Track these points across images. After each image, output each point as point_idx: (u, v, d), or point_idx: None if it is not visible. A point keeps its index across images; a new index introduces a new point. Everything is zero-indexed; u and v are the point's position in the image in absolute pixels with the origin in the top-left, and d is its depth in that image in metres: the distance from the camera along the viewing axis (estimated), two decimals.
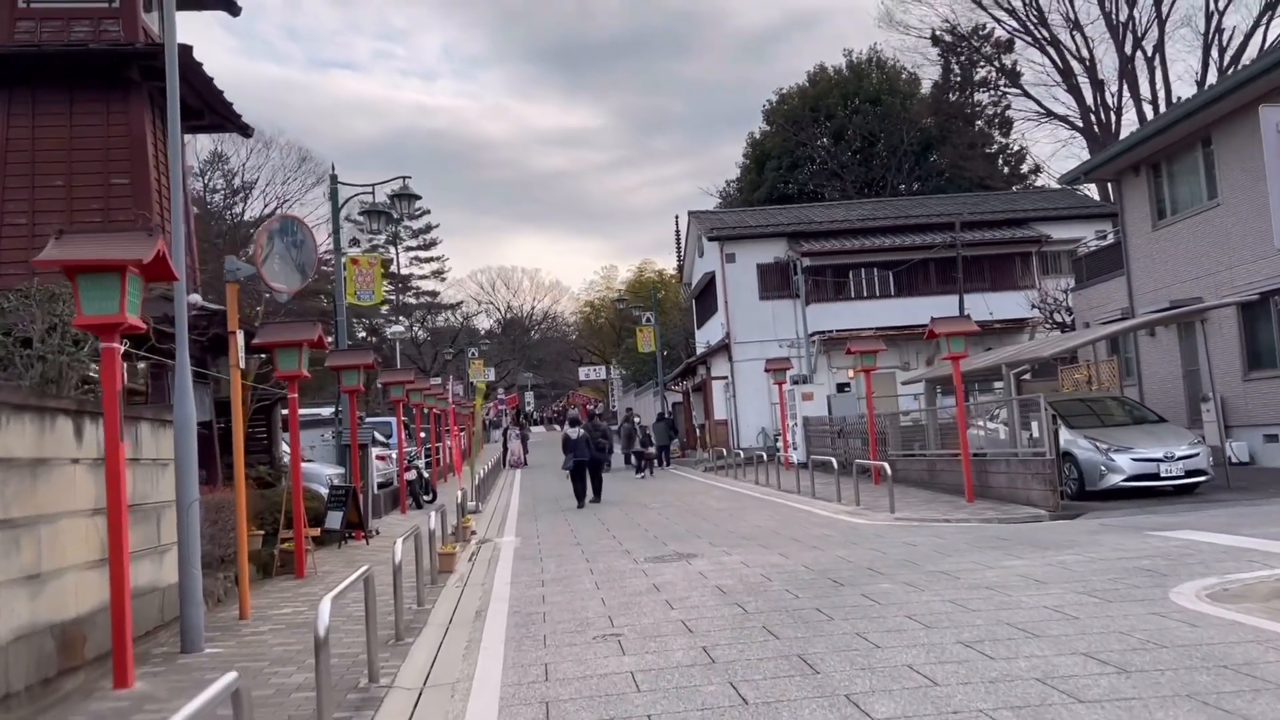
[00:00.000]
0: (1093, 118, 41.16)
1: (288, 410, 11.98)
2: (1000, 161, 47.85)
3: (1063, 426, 14.78)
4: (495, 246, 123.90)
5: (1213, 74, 36.87)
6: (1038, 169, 48.08)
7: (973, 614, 6.93)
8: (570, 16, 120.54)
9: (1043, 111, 43.92)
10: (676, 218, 57.01)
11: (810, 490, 17.56)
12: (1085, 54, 40.98)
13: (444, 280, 73.92)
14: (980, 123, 47.72)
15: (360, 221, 23.30)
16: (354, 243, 36.11)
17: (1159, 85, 39.16)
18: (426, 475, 22.45)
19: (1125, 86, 39.95)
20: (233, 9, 13.83)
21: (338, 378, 16.36)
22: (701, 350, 38.09)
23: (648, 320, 43.33)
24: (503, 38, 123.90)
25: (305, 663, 6.56)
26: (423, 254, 72.35)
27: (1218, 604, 6.80)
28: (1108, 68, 41.58)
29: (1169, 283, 19.71)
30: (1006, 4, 42.07)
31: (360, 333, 57.34)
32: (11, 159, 11.99)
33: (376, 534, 14.66)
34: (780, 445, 26.92)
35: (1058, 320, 27.05)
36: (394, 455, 21.35)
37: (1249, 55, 35.58)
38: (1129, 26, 38.94)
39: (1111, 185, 27.56)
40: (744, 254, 32.88)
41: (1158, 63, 39.10)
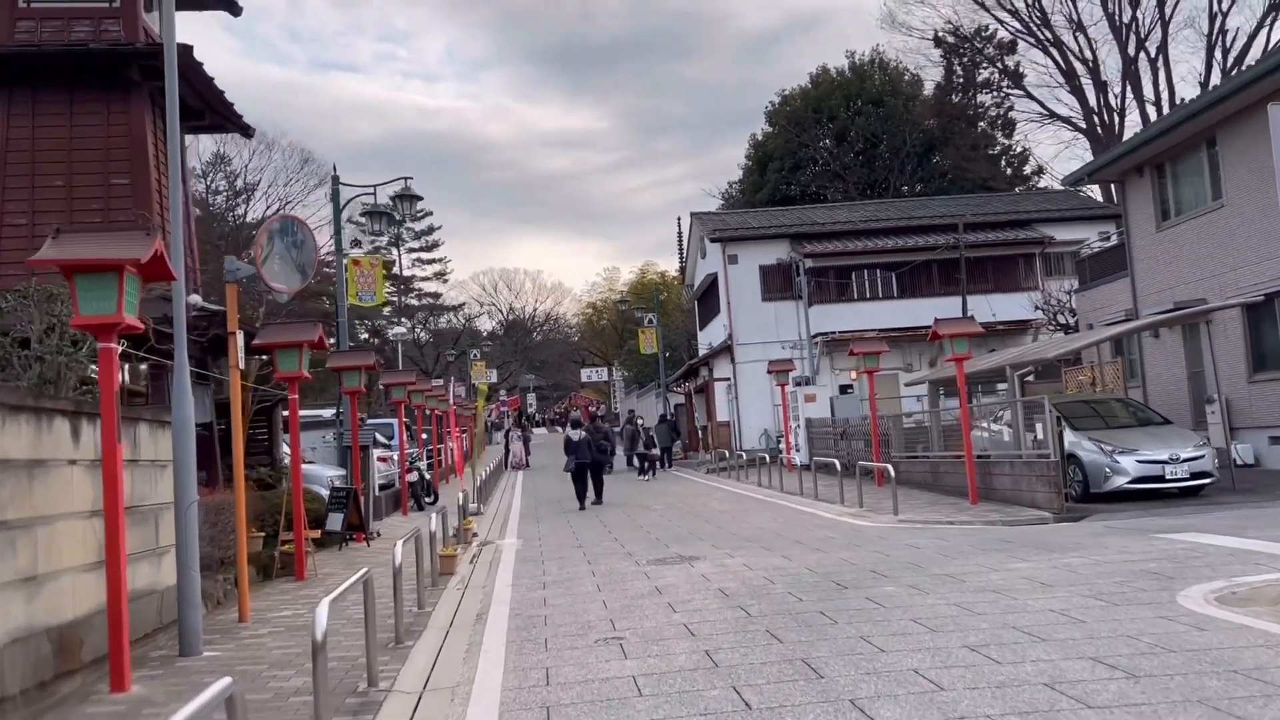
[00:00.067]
0: (1096, 119, 41.07)
1: (288, 411, 11.94)
2: (1003, 163, 47.75)
3: (1067, 428, 14.70)
4: (497, 248, 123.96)
5: (1216, 75, 36.83)
6: (1041, 170, 48.04)
7: (978, 617, 6.86)
8: (572, 18, 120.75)
9: (1046, 113, 43.88)
10: (679, 219, 57.04)
11: (813, 492, 17.49)
12: (1088, 55, 40.94)
13: (446, 282, 74.11)
14: (983, 124, 47.62)
15: (362, 223, 23.27)
16: (355, 244, 36.09)
17: (1162, 86, 39.12)
18: (428, 477, 22.41)
19: (1128, 88, 39.89)
20: (234, 9, 13.79)
21: (339, 379, 16.32)
22: (704, 352, 38.01)
23: (650, 322, 43.27)
24: (504, 39, 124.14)
25: (304, 666, 6.49)
26: (425, 255, 72.51)
27: (1225, 607, 6.73)
28: (1111, 69, 41.45)
29: (1173, 284, 19.63)
30: (1009, 5, 42.02)
31: (362, 334, 57.38)
32: (11, 159, 11.95)
33: (378, 536, 14.60)
34: (783, 447, 26.84)
35: (1061, 322, 26.97)
36: (395, 457, 21.31)
37: (1252, 56, 35.52)
38: (1132, 28, 38.87)
39: (1115, 186, 27.50)
40: (746, 255, 32.81)
41: (1161, 64, 39.07)
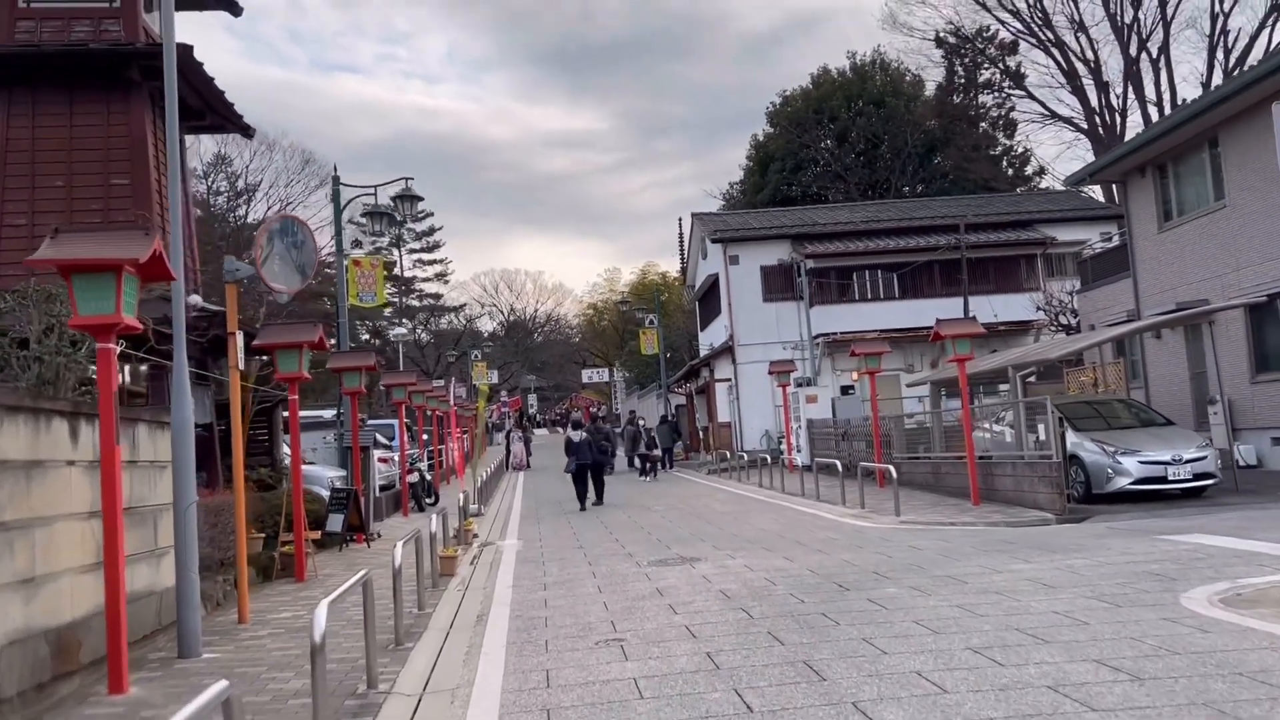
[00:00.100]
0: (1097, 119, 41.03)
1: (289, 412, 11.90)
2: (1005, 163, 47.71)
3: (1069, 429, 14.66)
4: (498, 249, 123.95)
5: (1218, 76, 36.80)
6: (1042, 171, 48.00)
7: (981, 619, 6.82)
8: (573, 19, 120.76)
9: (1047, 113, 43.85)
10: (680, 220, 57.01)
11: (815, 493, 17.45)
12: (1090, 56, 40.90)
13: (447, 283, 74.09)
14: (984, 125, 47.58)
15: (363, 223, 23.24)
16: (356, 244, 36.04)
17: (1164, 87, 39.07)
18: (429, 478, 22.38)
19: (1130, 88, 39.84)
20: (234, 9, 13.76)
21: (339, 380, 16.29)
22: (705, 352, 37.98)
23: (651, 322, 43.25)
24: (506, 40, 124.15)
25: (303, 668, 6.45)
26: (426, 256, 72.51)
27: (1230, 609, 6.69)
28: (1112, 69, 41.42)
29: (1175, 285, 19.59)
30: (1011, 6, 41.98)
31: (364, 335, 57.39)
32: (11, 159, 11.92)
33: (378, 537, 14.57)
34: (784, 448, 26.81)
35: (1063, 323, 26.93)
36: (396, 458, 21.29)
37: (1254, 57, 35.47)
38: (1134, 28, 38.82)
39: (1117, 187, 27.44)
40: (747, 256, 32.78)
41: (1163, 64, 39.00)
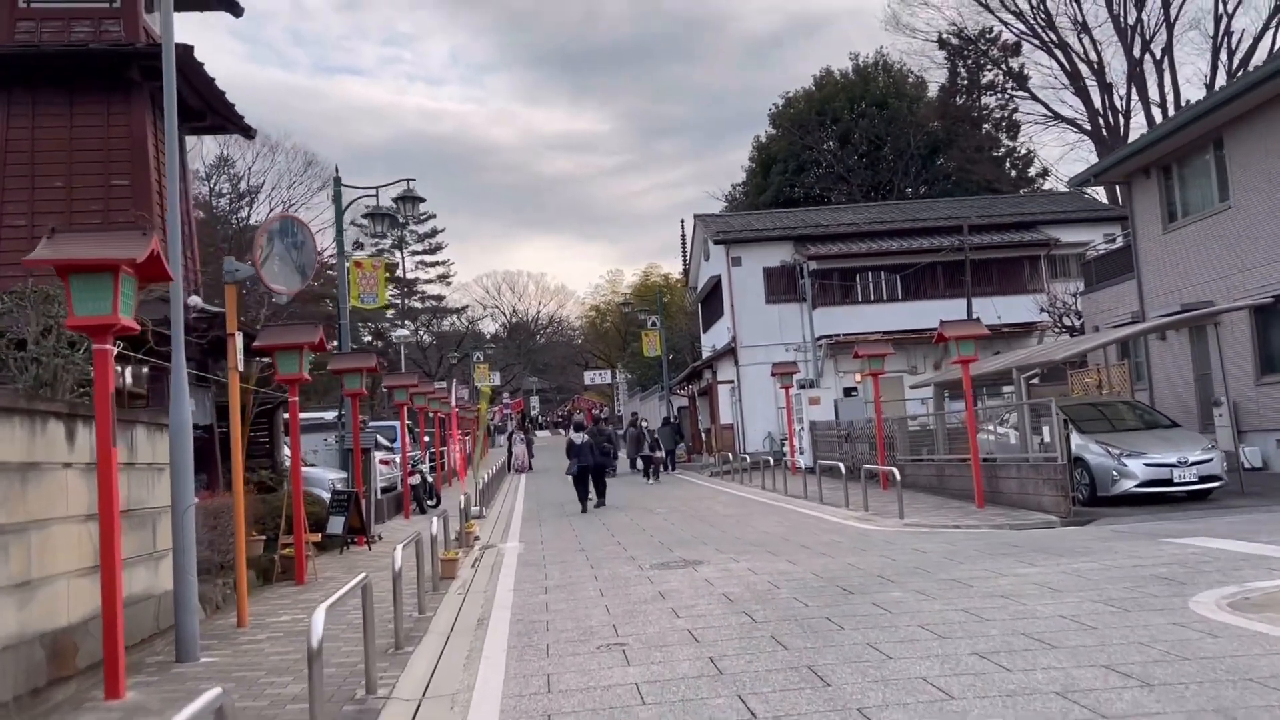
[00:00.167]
0: (1101, 121, 40.91)
1: (289, 414, 11.84)
2: (1008, 165, 47.62)
3: (1074, 431, 14.57)
4: (501, 251, 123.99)
5: (1221, 77, 36.68)
6: (1045, 172, 47.88)
7: (987, 623, 6.75)
8: (576, 22, 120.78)
9: (1050, 115, 43.70)
10: (682, 222, 56.81)
11: (818, 495, 17.37)
12: (1093, 57, 40.78)
13: (449, 284, 74.02)
14: (987, 126, 47.48)
15: (364, 225, 23.23)
16: (358, 246, 36.05)
17: (1167, 88, 38.95)
18: (430, 480, 22.31)
19: (1133, 89, 39.72)
20: (235, 9, 13.71)
21: (341, 381, 16.23)
22: (707, 354, 37.91)
23: (653, 324, 43.17)
24: (508, 43, 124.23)
25: (302, 672, 6.37)
26: (428, 258, 72.43)
27: (1239, 613, 6.62)
28: (1116, 71, 41.29)
29: (1180, 286, 19.50)
30: (1014, 7, 41.87)
31: (366, 336, 57.33)
32: (11, 159, 11.87)
33: (379, 539, 14.51)
34: (787, 450, 26.73)
35: (1066, 324, 26.83)
36: (398, 459, 21.22)
37: (1258, 58, 35.37)
38: (1137, 29, 38.71)
39: (1121, 188, 27.33)
40: (750, 257, 32.71)
41: (1166, 66, 38.86)
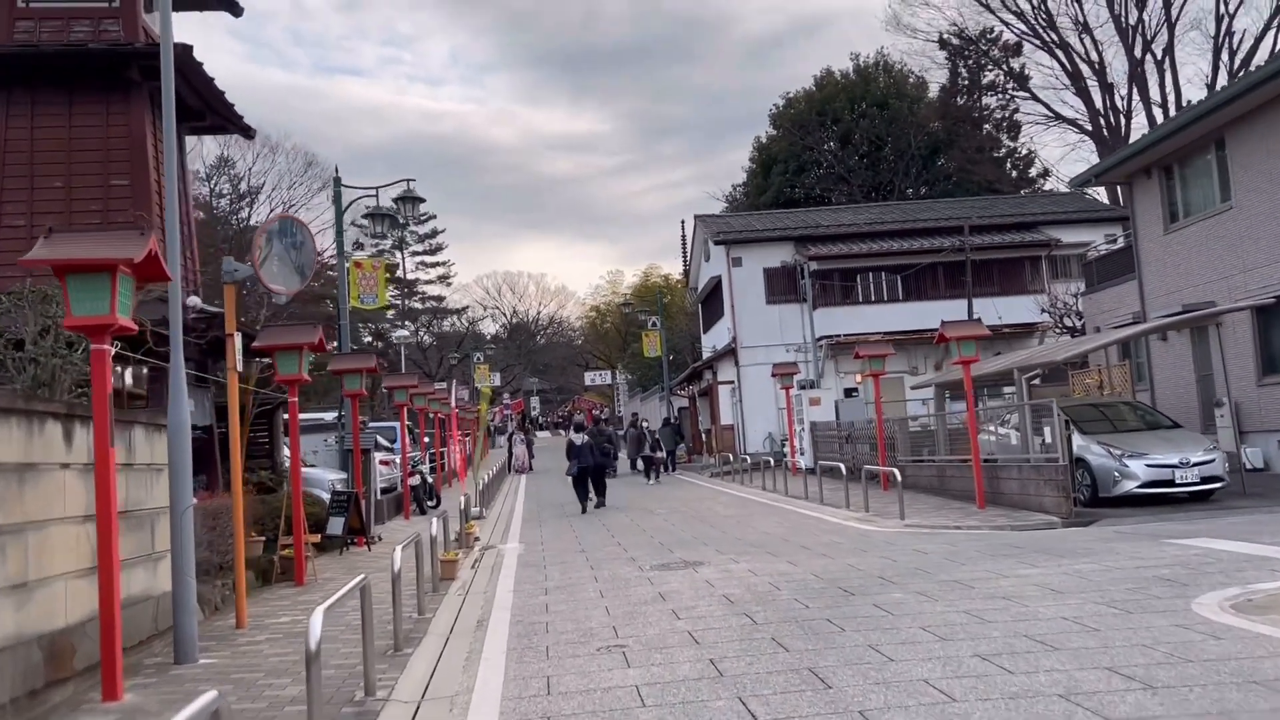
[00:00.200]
0: (1102, 121, 40.87)
1: (289, 414, 11.81)
2: (1008, 165, 47.59)
3: (1075, 432, 14.53)
4: (501, 251, 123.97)
5: (1223, 77, 36.63)
6: (1046, 173, 47.85)
7: (989, 625, 6.71)
8: (576, 23, 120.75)
9: (1051, 115, 43.65)
10: (683, 222, 56.81)
11: (818, 496, 17.34)
12: (1094, 57, 40.75)
13: (450, 285, 74.02)
14: (988, 126, 47.44)
15: (365, 225, 23.18)
16: (358, 246, 36.00)
17: (1169, 89, 38.92)
18: (430, 480, 22.28)
19: (1135, 90, 39.68)
20: (235, 9, 13.68)
21: (341, 382, 16.20)
22: (708, 355, 37.88)
23: (654, 325, 43.16)
24: (508, 43, 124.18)
25: (301, 674, 6.33)
26: (429, 259, 72.42)
27: (1242, 615, 6.58)
28: (1117, 71, 41.25)
29: (1181, 286, 19.47)
30: (1015, 7, 41.84)
31: (366, 337, 57.32)
32: (10, 160, 11.84)
33: (379, 540, 14.48)
34: (787, 450, 26.69)
35: (1067, 325, 26.80)
36: (398, 460, 21.19)
37: (1260, 58, 35.33)
38: (1138, 29, 38.68)
39: (1122, 188, 27.32)
40: (750, 258, 32.68)
41: (1167, 66, 38.84)
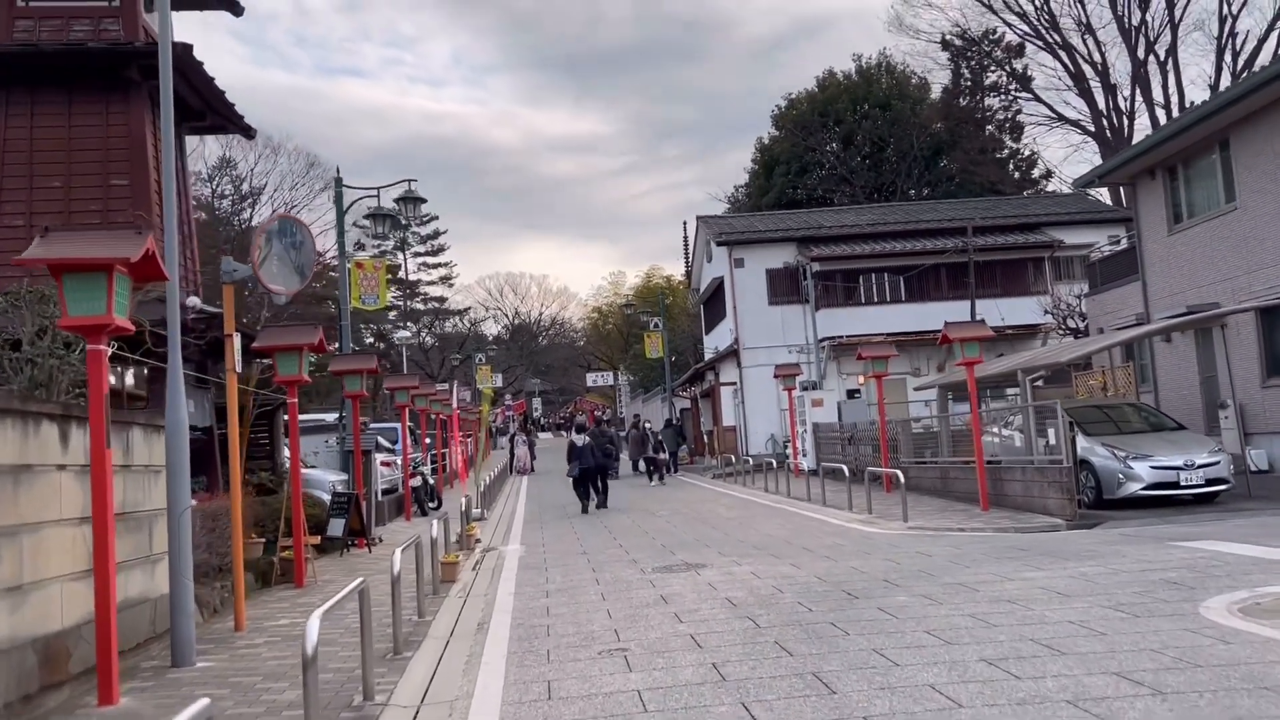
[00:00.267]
0: (1105, 122, 40.77)
1: (289, 415, 11.75)
2: (1011, 166, 47.48)
3: (1079, 434, 14.47)
4: (503, 252, 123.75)
5: (1226, 78, 36.51)
6: (1049, 174, 47.72)
7: (994, 629, 6.64)
8: (579, 25, 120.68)
9: (1054, 116, 43.55)
10: (685, 223, 56.73)
11: (821, 498, 17.26)
12: (1097, 58, 40.65)
13: (452, 286, 73.87)
14: (991, 127, 47.33)
15: (366, 226, 23.12)
16: (359, 247, 35.96)
17: (1172, 90, 38.86)
18: (432, 482, 22.21)
19: (1138, 91, 39.58)
20: (235, 8, 13.61)
21: (341, 383, 16.14)
22: (710, 356, 37.80)
23: (655, 326, 43.10)
24: (511, 44, 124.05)
25: (299, 678, 6.26)
26: (430, 260, 72.34)
27: (1251, 619, 6.51)
28: (1120, 72, 41.17)
29: (1185, 288, 19.38)
30: (1018, 8, 41.75)
31: (368, 338, 57.28)
32: (9, 159, 11.78)
33: (380, 542, 14.41)
34: (790, 452, 26.61)
35: (1070, 326, 26.70)
36: (399, 461, 21.13)
37: (1263, 59, 35.25)
38: (1141, 30, 38.59)
39: (1126, 189, 27.24)
40: (753, 259, 32.58)
41: (1170, 67, 38.76)
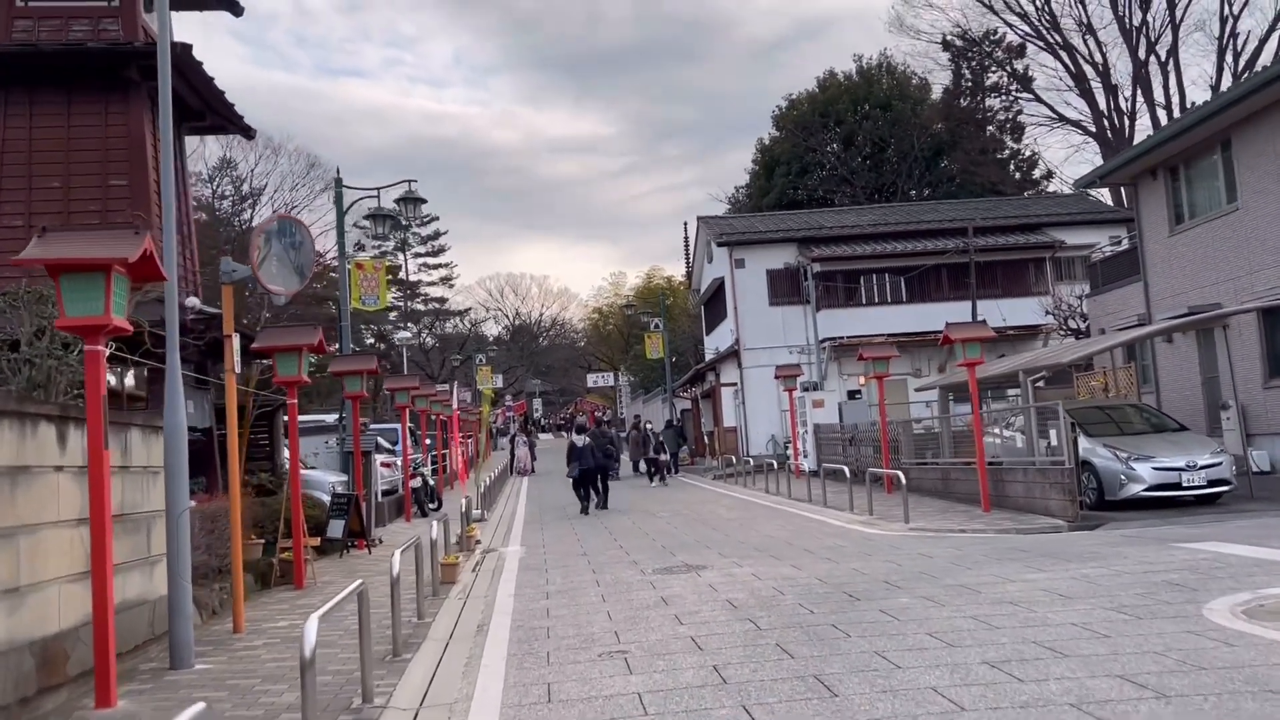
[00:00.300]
0: (1106, 123, 40.73)
1: (289, 416, 11.72)
2: (1012, 167, 47.44)
3: (1081, 434, 14.44)
4: (504, 253, 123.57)
5: (1227, 79, 36.48)
6: (1050, 174, 47.68)
7: (997, 631, 6.61)
8: (579, 25, 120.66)
9: (1055, 117, 43.51)
10: (685, 224, 56.64)
11: (822, 499, 17.23)
12: (1098, 59, 40.62)
13: (452, 287, 73.81)
14: (991, 128, 47.28)
15: (366, 226, 23.09)
16: (360, 247, 35.93)
17: (1173, 90, 38.81)
18: (432, 483, 22.17)
19: (1139, 91, 39.54)
20: (235, 8, 13.58)
21: (342, 384, 16.11)
22: (710, 357, 37.76)
23: (656, 326, 43.06)
24: (512, 45, 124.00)
25: (298, 680, 6.24)
26: (431, 260, 72.27)
27: (1254, 621, 6.47)
28: (1121, 72, 41.16)
29: (1187, 288, 19.34)
30: (1018, 8, 41.72)
31: (368, 339, 57.25)
32: (8, 160, 11.75)
33: (380, 543, 14.38)
34: (790, 453, 26.58)
35: (1072, 327, 26.67)
36: (399, 462, 21.10)
37: (1264, 60, 35.20)
38: (1142, 31, 38.56)
39: (1127, 190, 27.20)
40: (753, 260, 32.55)
41: (1171, 67, 38.72)
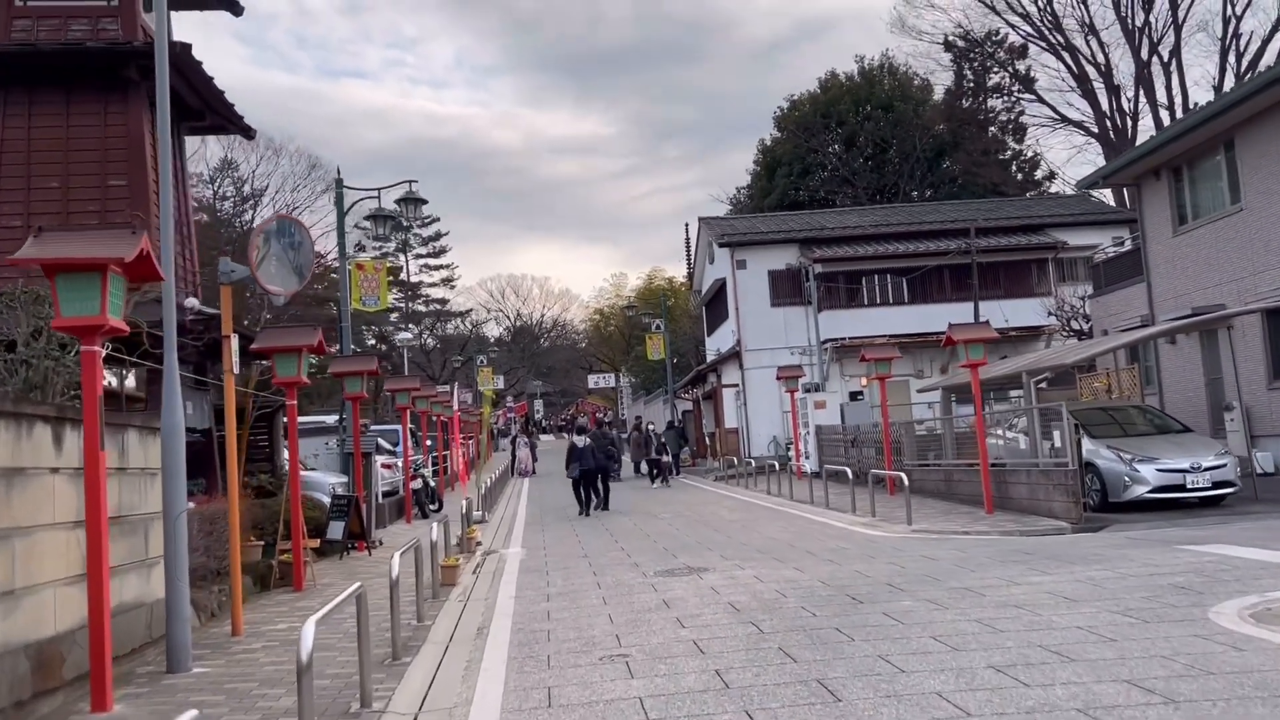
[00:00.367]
0: (1108, 124, 40.65)
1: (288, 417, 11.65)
2: (1014, 168, 47.35)
3: (1085, 436, 14.36)
4: (505, 254, 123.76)
5: (1230, 79, 36.42)
6: (1052, 175, 47.61)
7: (1002, 635, 6.54)
8: (580, 25, 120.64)
9: (1057, 117, 43.43)
10: (686, 225, 56.42)
11: (824, 501, 17.16)
12: (1101, 59, 40.53)
13: (453, 288, 73.80)
14: (994, 129, 47.19)
15: (367, 227, 23.05)
16: (360, 248, 35.91)
17: (1175, 91, 38.71)
18: (433, 484, 22.11)
19: (1141, 92, 39.46)
20: (235, 8, 13.53)
21: (342, 385, 16.06)
22: (712, 358, 37.70)
23: (657, 327, 43.00)
24: (513, 46, 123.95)
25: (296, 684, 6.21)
26: (432, 261, 72.28)
27: (1262, 625, 6.41)
28: (1123, 73, 41.17)
29: (1190, 289, 19.28)
30: (1021, 9, 41.63)
31: (369, 340, 57.22)
32: (7, 160, 11.70)
33: (380, 544, 14.33)
34: (792, 454, 26.51)
35: (1074, 328, 26.60)
36: (400, 464, 21.04)
37: (1267, 60, 35.13)
38: (1145, 31, 38.48)
39: (1130, 190, 27.14)
40: (755, 260, 32.48)
41: (1174, 68, 38.66)
